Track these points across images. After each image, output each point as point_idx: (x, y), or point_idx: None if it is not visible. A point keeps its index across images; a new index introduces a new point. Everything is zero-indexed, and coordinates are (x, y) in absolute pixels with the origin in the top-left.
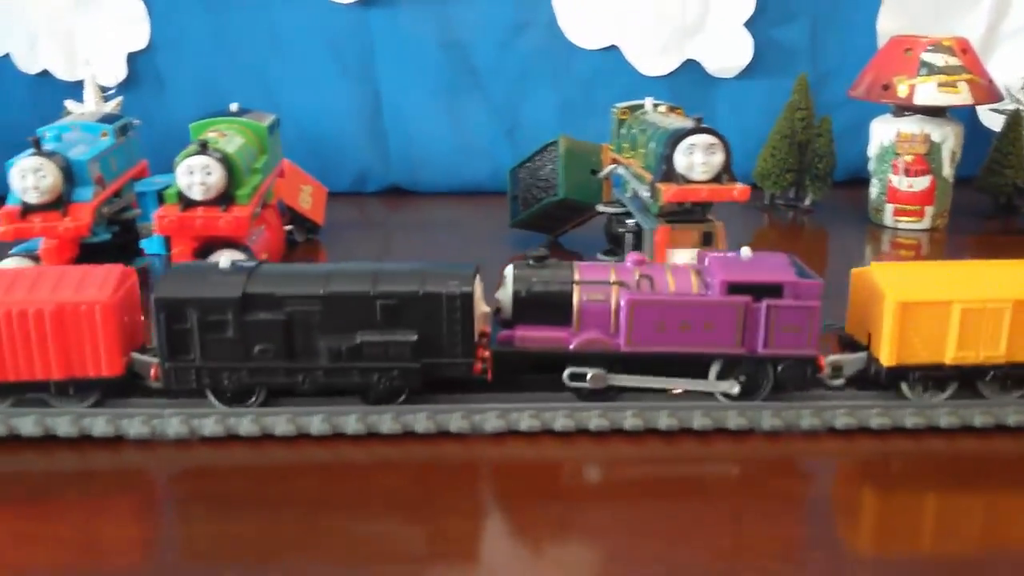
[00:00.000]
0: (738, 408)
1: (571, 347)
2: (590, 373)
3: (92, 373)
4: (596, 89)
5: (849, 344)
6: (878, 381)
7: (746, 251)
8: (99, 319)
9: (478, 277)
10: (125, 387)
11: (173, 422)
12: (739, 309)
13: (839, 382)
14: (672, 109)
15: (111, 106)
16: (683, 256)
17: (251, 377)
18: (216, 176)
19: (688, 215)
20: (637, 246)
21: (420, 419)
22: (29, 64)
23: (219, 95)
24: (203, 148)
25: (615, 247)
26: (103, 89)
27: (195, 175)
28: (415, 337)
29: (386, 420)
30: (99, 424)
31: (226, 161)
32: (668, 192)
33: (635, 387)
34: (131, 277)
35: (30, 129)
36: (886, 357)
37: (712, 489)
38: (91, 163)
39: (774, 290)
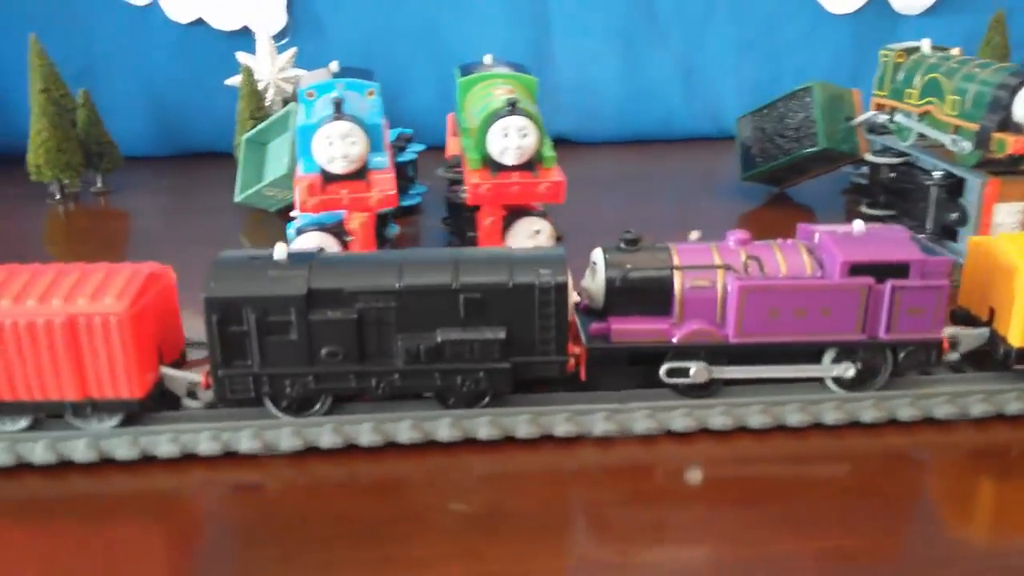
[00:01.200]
0: (836, 400)
1: (674, 340)
2: (694, 367)
3: (111, 394)
4: (777, 29)
5: (964, 318)
6: (1006, 362)
7: (859, 224)
8: (116, 333)
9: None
10: (154, 406)
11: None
12: (861, 292)
13: (954, 357)
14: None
15: (286, 57)
16: (1008, 212)
17: (317, 383)
18: (532, 139)
19: (1011, 166)
20: (950, 199)
21: (559, 420)
22: (180, 13)
23: (380, 43)
24: (513, 107)
25: (890, 198)
26: (275, 39)
27: (510, 137)
28: (504, 334)
29: (524, 423)
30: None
31: (538, 121)
32: (1018, 143)
33: (743, 379)
34: (164, 278)
35: (177, 80)
36: (1017, 337)
37: (815, 489)
38: (382, 127)
39: (899, 270)
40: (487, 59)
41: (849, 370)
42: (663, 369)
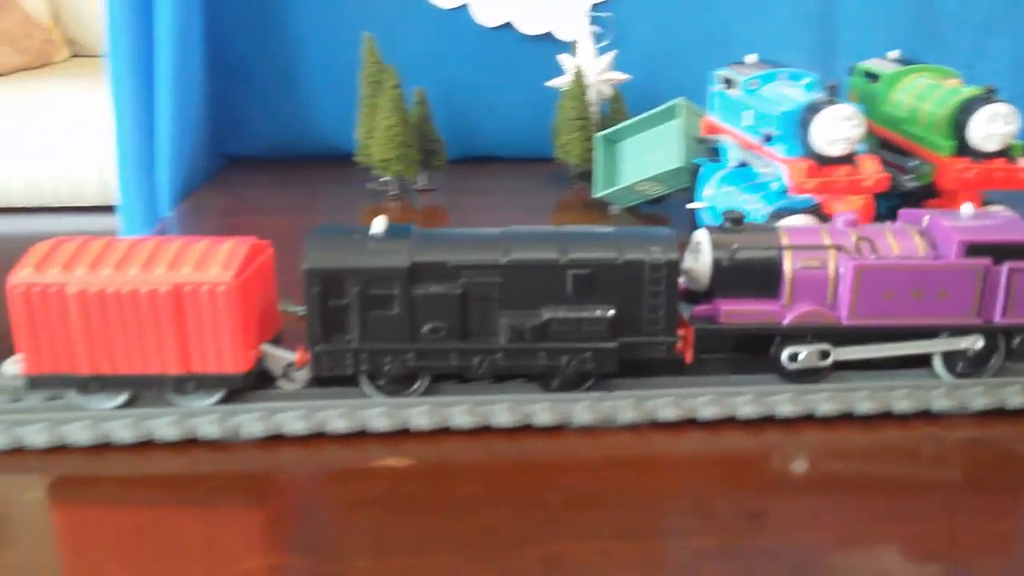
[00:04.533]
0: (946, 387)
1: (785, 322)
2: (805, 351)
3: (213, 369)
4: None
5: None
6: None
7: (967, 207)
8: (222, 304)
9: None
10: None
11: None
12: (978, 274)
13: None
14: None
15: (605, 60)
16: None
17: (417, 361)
18: (1015, 126)
19: None
20: None
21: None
22: (489, 16)
23: (674, 51)
24: (991, 95)
25: None
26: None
27: (995, 124)
28: (612, 312)
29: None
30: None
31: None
32: None
33: (858, 361)
34: (265, 251)
35: (477, 81)
36: None
37: (921, 481)
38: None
39: (1017, 251)
40: (893, 55)
41: (979, 341)
42: (785, 354)
